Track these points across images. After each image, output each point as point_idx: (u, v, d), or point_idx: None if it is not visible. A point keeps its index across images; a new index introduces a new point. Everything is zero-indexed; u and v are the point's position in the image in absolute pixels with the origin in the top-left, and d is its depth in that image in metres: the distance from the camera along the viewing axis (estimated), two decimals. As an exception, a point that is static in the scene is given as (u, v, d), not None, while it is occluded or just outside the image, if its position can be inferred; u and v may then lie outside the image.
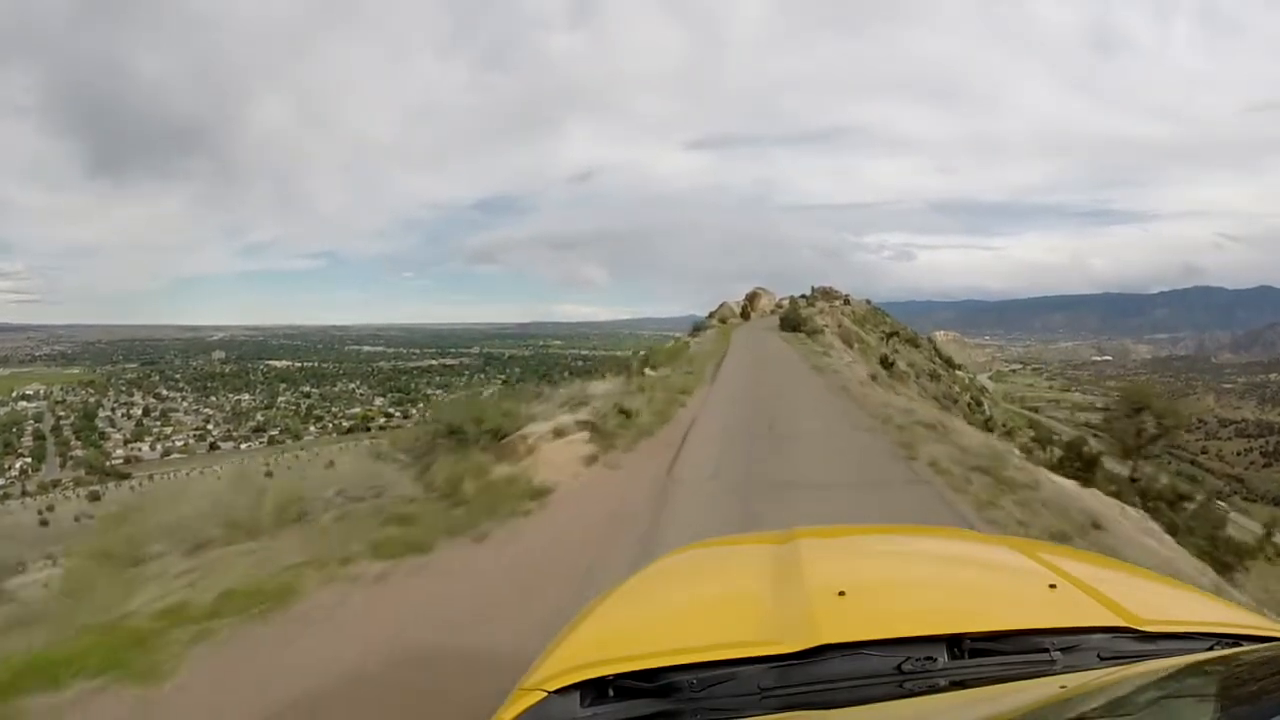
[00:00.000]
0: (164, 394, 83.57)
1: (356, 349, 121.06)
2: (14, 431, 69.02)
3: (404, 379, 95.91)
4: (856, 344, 24.65)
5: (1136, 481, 8.88)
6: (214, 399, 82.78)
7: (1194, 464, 68.45)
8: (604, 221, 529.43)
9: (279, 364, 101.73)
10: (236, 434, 73.92)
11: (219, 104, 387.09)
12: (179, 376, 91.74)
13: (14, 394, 78.56)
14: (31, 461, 63.79)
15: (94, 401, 78.52)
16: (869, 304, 47.92)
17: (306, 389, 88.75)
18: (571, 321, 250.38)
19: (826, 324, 29.10)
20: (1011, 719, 0.76)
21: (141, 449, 68.17)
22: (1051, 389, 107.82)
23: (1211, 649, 1.02)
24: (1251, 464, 67.09)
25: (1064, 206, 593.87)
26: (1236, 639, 1.05)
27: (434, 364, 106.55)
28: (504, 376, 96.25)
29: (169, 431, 72.54)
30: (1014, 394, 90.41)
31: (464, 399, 8.20)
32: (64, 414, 74.51)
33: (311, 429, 76.15)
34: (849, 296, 45.50)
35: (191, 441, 71.04)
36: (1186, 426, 79.87)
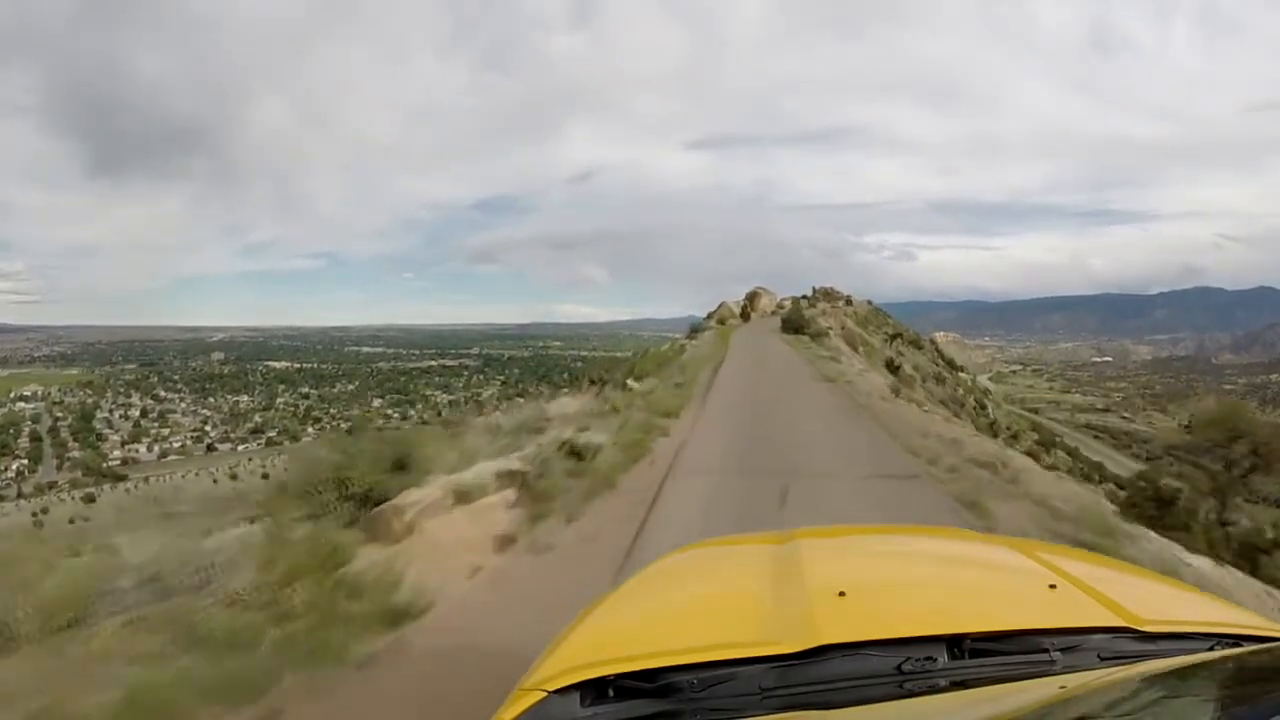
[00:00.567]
0: (162, 395, 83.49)
1: (356, 350, 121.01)
2: (11, 433, 68.85)
3: (403, 380, 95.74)
4: (861, 346, 23.47)
5: (1226, 526, 7.16)
6: (212, 400, 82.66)
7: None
8: (604, 222, 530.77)
9: (278, 365, 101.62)
10: (234, 435, 73.77)
11: (219, 104, 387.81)
12: (178, 377, 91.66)
13: (12, 395, 78.45)
14: (28, 463, 63.60)
15: (92, 403, 78.42)
16: (870, 305, 47.40)
17: (305, 390, 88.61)
18: (571, 322, 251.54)
19: (830, 326, 27.75)
20: (1012, 719, 0.76)
21: (139, 450, 67.95)
22: (1051, 390, 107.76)
23: (1211, 649, 1.02)
24: (1253, 466, 66.78)
25: (1064, 207, 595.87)
26: (1236, 639, 1.06)
27: (433, 365, 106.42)
28: (503, 378, 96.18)
29: (166, 433, 72.35)
30: (1014, 395, 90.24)
31: (345, 439, 5.97)
32: (62, 415, 74.40)
33: (310, 430, 75.93)
34: (850, 297, 44.95)
35: (189, 443, 70.83)
36: None
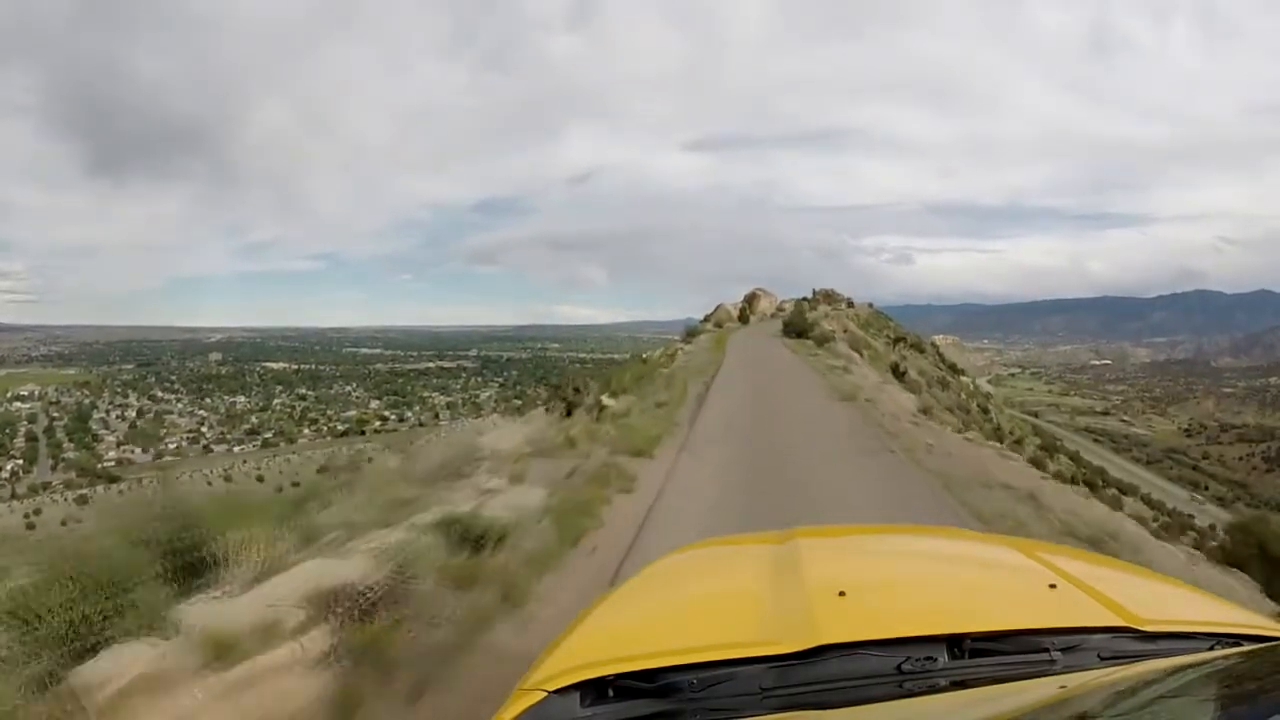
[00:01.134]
0: (159, 395, 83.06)
1: (354, 351, 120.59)
2: (7, 433, 68.48)
3: (400, 381, 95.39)
4: (866, 351, 22.46)
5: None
6: (209, 401, 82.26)
7: (1196, 470, 68.14)
8: (603, 223, 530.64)
9: (276, 366, 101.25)
10: (230, 436, 73.37)
11: (218, 105, 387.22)
12: (175, 378, 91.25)
13: (8, 394, 78.05)
14: (23, 463, 63.22)
15: (88, 403, 78.01)
16: (871, 307, 46.96)
17: (303, 391, 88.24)
18: (570, 324, 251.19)
19: (833, 329, 26.38)
20: (1012, 719, 0.76)
21: (134, 451, 67.56)
22: (1050, 393, 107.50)
23: (1211, 649, 1.01)
24: (1254, 469, 66.57)
25: (1062, 210, 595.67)
26: (1236, 639, 1.05)
27: (432, 366, 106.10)
28: (501, 379, 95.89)
29: (163, 434, 71.96)
30: (1013, 399, 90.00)
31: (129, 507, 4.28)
32: (58, 415, 74.03)
33: (306, 432, 75.62)
34: (851, 299, 44.40)
35: (185, 444, 70.46)
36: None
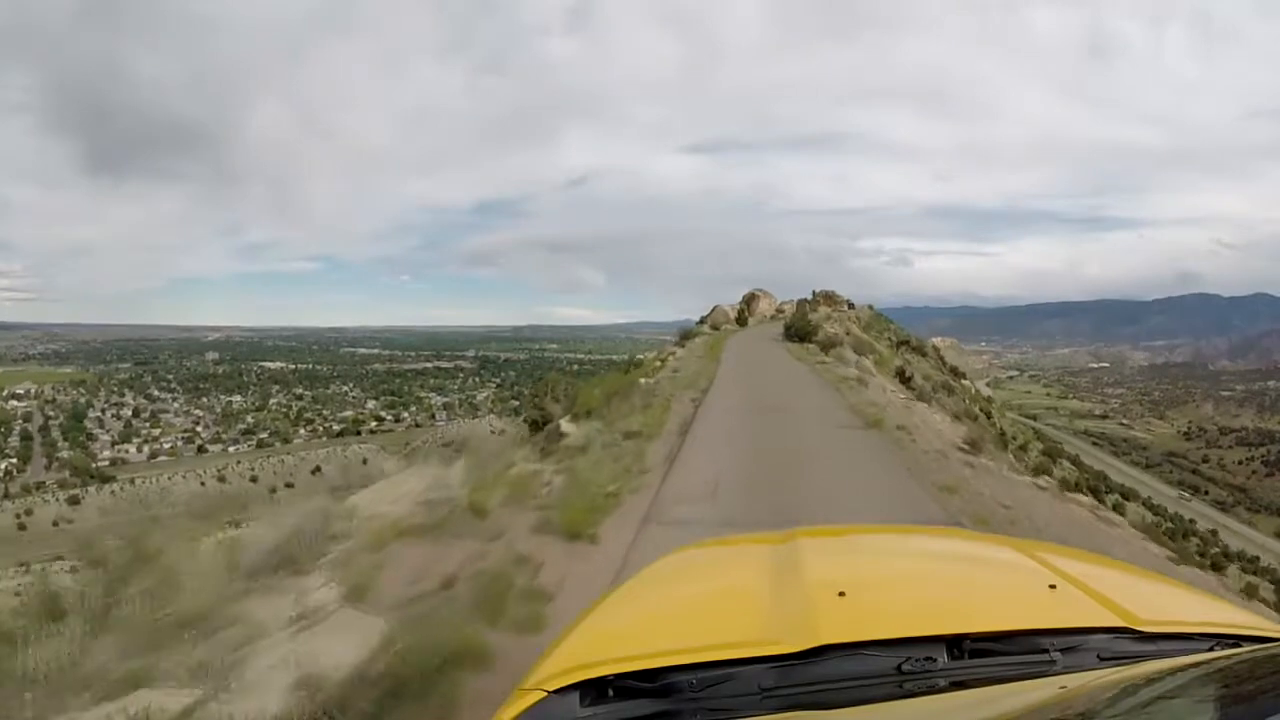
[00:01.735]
0: (155, 395, 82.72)
1: (352, 351, 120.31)
2: (1, 431, 68.03)
3: (397, 382, 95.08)
4: (871, 356, 21.43)
5: None
6: (205, 400, 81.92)
7: (1195, 473, 68.00)
8: (600, 225, 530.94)
9: (273, 365, 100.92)
10: (225, 436, 72.99)
11: (217, 106, 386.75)
12: (171, 377, 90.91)
13: (4, 393, 77.61)
14: (18, 462, 62.80)
15: (84, 401, 77.62)
16: (871, 309, 46.35)
17: (299, 391, 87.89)
18: (567, 325, 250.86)
19: (838, 332, 25.13)
20: (1012, 719, 0.77)
21: (128, 451, 67.16)
22: (1049, 396, 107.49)
23: (1211, 649, 1.02)
24: (1254, 473, 66.45)
25: (1060, 213, 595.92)
26: (1236, 639, 1.05)
27: (429, 367, 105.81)
28: (498, 380, 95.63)
29: (157, 433, 71.57)
30: (1012, 402, 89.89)
31: None
32: (53, 414, 73.62)
33: (302, 432, 75.24)
34: (852, 301, 43.61)
35: (179, 444, 70.07)
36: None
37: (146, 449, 67.85)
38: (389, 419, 79.71)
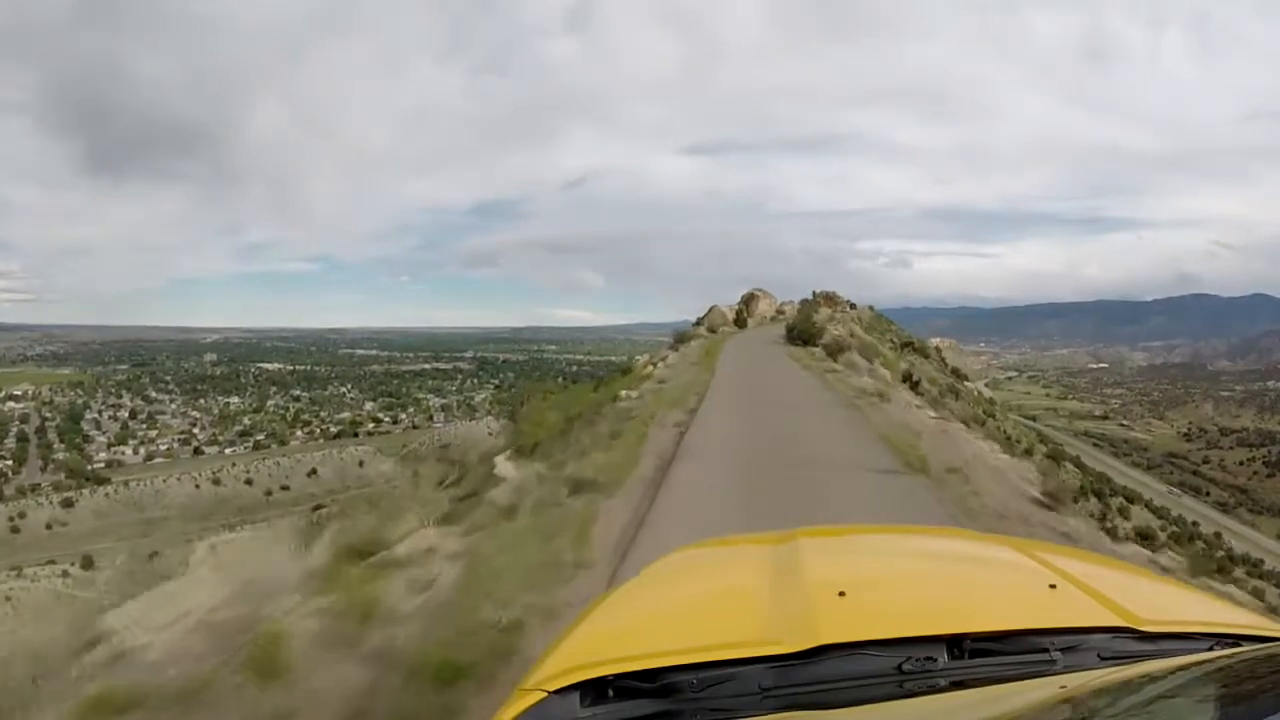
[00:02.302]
0: (153, 396, 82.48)
1: (350, 352, 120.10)
2: (-3, 433, 67.71)
3: (395, 383, 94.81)
4: (876, 359, 20.46)
5: None
6: (203, 402, 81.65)
7: (1196, 474, 67.83)
8: (599, 226, 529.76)
9: (271, 366, 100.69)
10: (222, 438, 72.65)
11: (217, 106, 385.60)
12: (169, 378, 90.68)
13: (1, 394, 77.35)
14: (13, 464, 62.49)
15: (81, 403, 77.37)
16: (872, 310, 45.87)
17: (297, 392, 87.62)
18: (566, 326, 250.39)
19: (842, 335, 23.83)
20: (1011, 719, 0.77)
21: (124, 452, 66.85)
22: (1049, 397, 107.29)
23: (1211, 649, 1.01)
24: (1255, 474, 66.22)
25: (1059, 214, 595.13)
26: (1236, 639, 1.05)
27: (427, 368, 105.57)
28: (496, 381, 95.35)
29: (154, 435, 71.26)
30: (1011, 402, 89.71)
31: None
32: (50, 415, 73.33)
33: (299, 434, 74.90)
34: (853, 302, 42.77)
35: (175, 445, 69.75)
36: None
37: (143, 451, 67.54)
38: (386, 420, 79.41)
